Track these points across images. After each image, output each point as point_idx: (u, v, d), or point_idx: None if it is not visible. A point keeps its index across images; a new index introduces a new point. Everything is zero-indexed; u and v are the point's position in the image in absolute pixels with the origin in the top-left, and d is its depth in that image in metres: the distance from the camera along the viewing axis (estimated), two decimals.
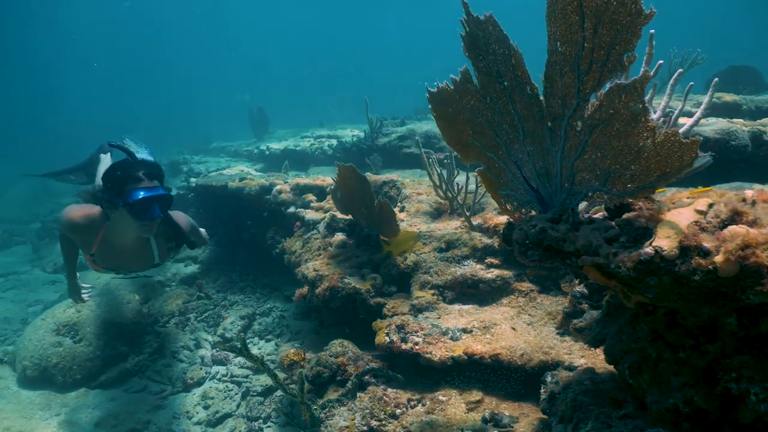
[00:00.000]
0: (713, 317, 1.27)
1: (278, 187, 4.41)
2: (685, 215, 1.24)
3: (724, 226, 1.18)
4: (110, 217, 2.55)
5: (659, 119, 1.43)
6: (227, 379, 3.53)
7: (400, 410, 2.26)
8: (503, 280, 2.83)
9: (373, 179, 4.16)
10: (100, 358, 3.61)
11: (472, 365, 2.34)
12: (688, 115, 1.61)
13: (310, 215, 3.95)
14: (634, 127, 1.26)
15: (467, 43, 1.54)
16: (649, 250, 1.19)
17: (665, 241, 1.18)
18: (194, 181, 6.04)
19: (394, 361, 2.59)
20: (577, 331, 1.89)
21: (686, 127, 1.39)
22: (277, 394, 3.26)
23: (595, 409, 1.53)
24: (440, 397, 2.30)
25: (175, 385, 3.52)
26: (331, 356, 2.61)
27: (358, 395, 2.36)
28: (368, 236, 3.32)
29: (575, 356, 2.19)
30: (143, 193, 2.42)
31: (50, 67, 38.14)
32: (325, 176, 4.72)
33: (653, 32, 1.33)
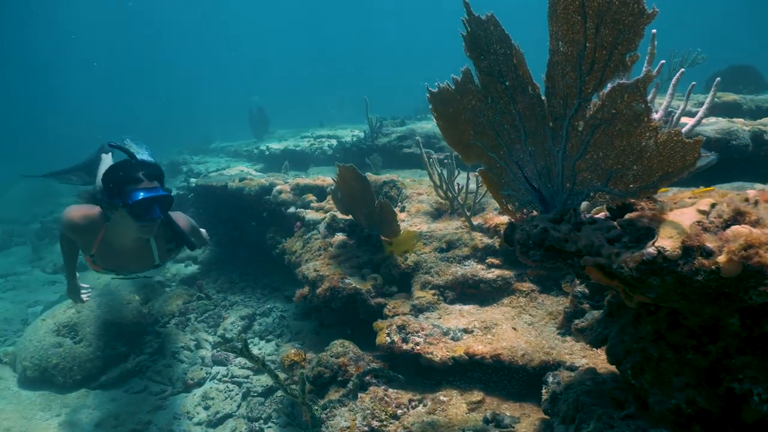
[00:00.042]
0: (716, 317, 1.26)
1: (278, 187, 4.40)
2: (687, 215, 1.23)
3: (726, 226, 1.18)
4: (110, 217, 2.55)
5: (661, 119, 1.42)
6: (228, 379, 3.53)
7: (401, 411, 2.26)
8: (504, 280, 2.82)
9: (373, 179, 4.16)
10: (100, 358, 3.60)
11: (473, 365, 2.33)
12: (689, 114, 1.61)
13: (310, 215, 3.95)
14: (636, 126, 1.25)
15: (468, 42, 1.53)
16: (651, 250, 1.18)
17: (668, 241, 1.18)
18: (194, 181, 6.04)
19: (395, 361, 2.58)
20: (578, 331, 1.89)
21: (689, 126, 1.39)
22: (277, 394, 3.25)
23: (597, 409, 1.53)
24: (441, 397, 2.29)
25: (175, 385, 3.52)
26: (332, 357, 2.61)
27: (359, 396, 2.36)
28: (369, 236, 3.32)
29: (576, 356, 2.19)
30: (143, 194, 2.40)
31: (50, 67, 38.17)
32: (325, 176, 4.71)
33: (655, 32, 1.32)
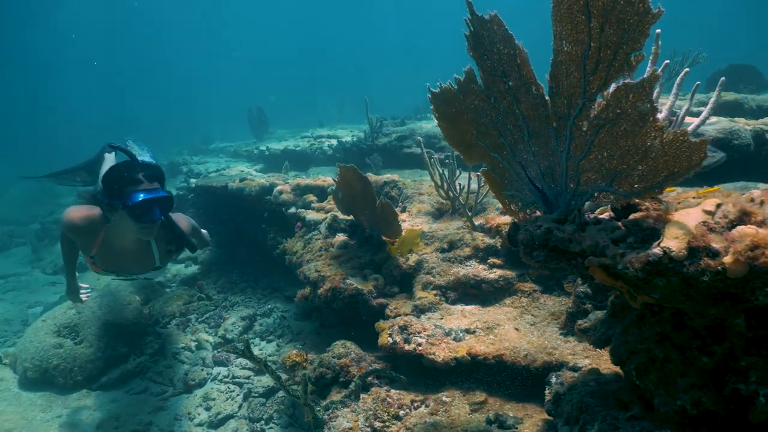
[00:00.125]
0: (721, 318, 1.26)
1: (279, 187, 4.39)
2: (693, 216, 1.23)
3: (732, 226, 1.17)
4: (110, 219, 2.53)
5: (666, 119, 1.42)
6: (229, 380, 3.52)
7: (403, 411, 2.25)
8: (506, 280, 2.82)
9: (374, 179, 4.15)
10: (101, 359, 3.59)
11: (475, 366, 2.33)
12: (691, 114, 1.60)
13: (311, 216, 3.94)
14: (641, 126, 1.24)
15: (471, 42, 1.53)
16: (657, 251, 1.18)
17: (673, 241, 1.17)
18: (194, 181, 6.02)
19: (397, 362, 2.58)
20: (581, 331, 1.88)
21: (694, 126, 1.38)
22: (279, 395, 3.24)
23: (601, 410, 1.52)
24: (444, 398, 2.29)
25: (176, 386, 3.51)
26: (333, 357, 2.60)
27: (361, 396, 2.35)
28: (370, 237, 3.31)
29: (579, 357, 2.18)
30: (143, 195, 2.39)
31: (50, 67, 38.16)
32: (325, 176, 4.71)
33: (659, 32, 1.32)
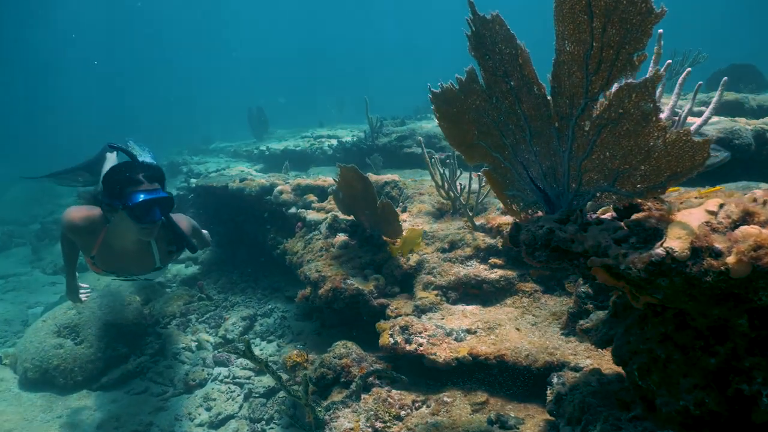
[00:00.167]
0: (724, 318, 1.25)
1: (279, 187, 4.39)
2: (695, 216, 1.22)
3: (735, 226, 1.17)
4: (110, 219, 2.53)
5: (668, 119, 1.41)
6: (229, 380, 3.51)
7: (404, 412, 2.25)
8: (507, 280, 2.81)
9: (374, 179, 4.15)
10: (101, 359, 3.59)
11: (476, 366, 2.32)
12: (691, 114, 1.60)
13: (311, 216, 3.94)
14: (644, 126, 1.24)
15: (473, 42, 1.52)
16: (660, 251, 1.17)
17: (676, 242, 1.17)
18: (194, 181, 6.02)
19: (398, 362, 2.57)
20: (583, 331, 1.88)
21: (696, 125, 1.38)
22: (279, 395, 3.24)
23: (603, 410, 1.52)
24: (445, 398, 2.28)
25: (176, 386, 3.51)
26: (335, 358, 2.60)
27: (362, 397, 2.35)
28: (371, 237, 3.31)
29: (581, 357, 2.18)
30: (143, 195, 2.38)
31: (50, 67, 38.15)
32: (326, 176, 4.70)
33: (662, 32, 1.32)
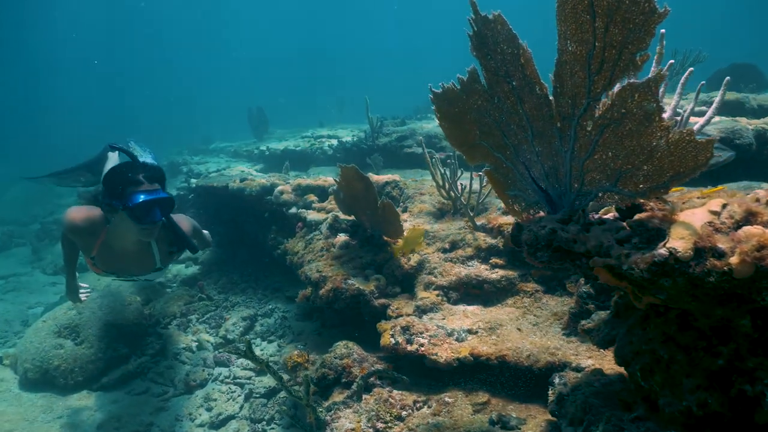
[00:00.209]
0: (727, 319, 1.25)
1: (280, 187, 4.39)
2: (698, 216, 1.22)
3: (738, 226, 1.17)
4: (111, 220, 2.52)
5: (670, 119, 1.41)
6: (230, 380, 3.51)
7: (406, 412, 2.25)
8: (508, 280, 2.81)
9: (375, 179, 4.14)
10: (101, 360, 3.59)
11: (478, 366, 2.32)
12: (693, 114, 1.59)
13: (312, 216, 3.93)
14: (647, 126, 1.24)
15: (475, 42, 1.52)
16: (663, 251, 1.17)
17: (679, 242, 1.17)
18: (194, 182, 6.02)
19: (399, 362, 2.57)
20: (585, 332, 1.88)
21: (699, 125, 1.38)
22: (280, 395, 3.24)
23: (605, 411, 1.52)
24: (446, 398, 2.28)
25: (177, 386, 3.50)
26: (336, 358, 2.60)
27: (363, 397, 2.34)
28: (371, 237, 3.30)
29: (582, 357, 2.17)
30: (143, 196, 2.37)
31: (50, 66, 38.14)
32: (326, 176, 4.70)
33: (664, 32, 1.31)
